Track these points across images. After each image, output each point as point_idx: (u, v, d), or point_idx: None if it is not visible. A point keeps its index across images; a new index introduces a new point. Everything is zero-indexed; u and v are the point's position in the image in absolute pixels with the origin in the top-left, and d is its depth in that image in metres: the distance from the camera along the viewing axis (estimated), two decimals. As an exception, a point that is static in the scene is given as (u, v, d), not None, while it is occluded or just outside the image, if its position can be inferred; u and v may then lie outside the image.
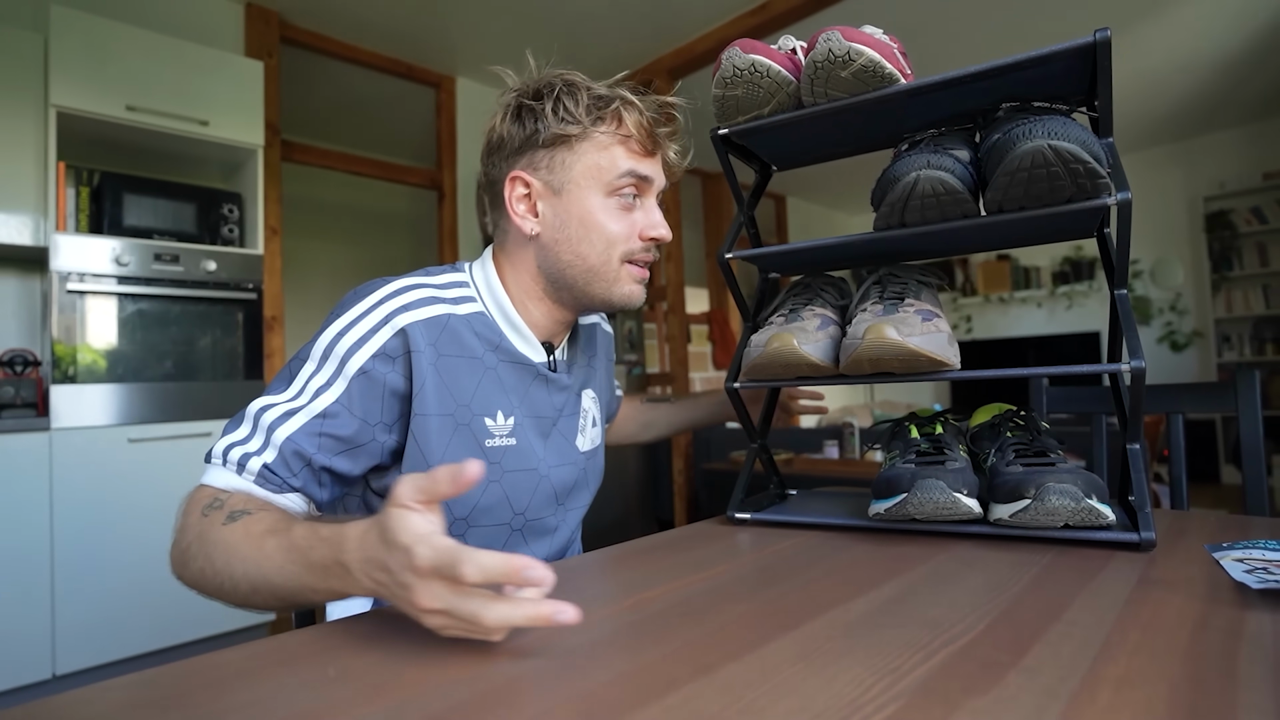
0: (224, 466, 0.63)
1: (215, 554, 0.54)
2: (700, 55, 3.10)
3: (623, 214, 0.74)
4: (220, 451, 0.63)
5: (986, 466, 0.77)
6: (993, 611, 0.47)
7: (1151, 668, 0.37)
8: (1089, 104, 0.73)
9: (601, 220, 0.73)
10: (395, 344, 0.67)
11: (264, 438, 0.63)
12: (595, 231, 0.73)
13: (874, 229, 0.75)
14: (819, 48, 0.71)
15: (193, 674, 0.41)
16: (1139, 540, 0.62)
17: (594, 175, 0.73)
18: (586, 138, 0.72)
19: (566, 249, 0.74)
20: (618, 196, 0.73)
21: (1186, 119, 4.53)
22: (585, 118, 0.71)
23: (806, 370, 0.75)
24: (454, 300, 0.73)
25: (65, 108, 2.02)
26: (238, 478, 0.62)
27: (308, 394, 0.66)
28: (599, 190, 0.73)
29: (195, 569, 0.55)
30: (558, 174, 0.73)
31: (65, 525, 1.90)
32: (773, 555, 0.66)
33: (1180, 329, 4.95)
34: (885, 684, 0.36)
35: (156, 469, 2.07)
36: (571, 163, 0.73)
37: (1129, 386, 0.65)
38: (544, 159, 0.73)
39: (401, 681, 0.39)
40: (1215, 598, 0.48)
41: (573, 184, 0.73)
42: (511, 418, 0.74)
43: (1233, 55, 3.60)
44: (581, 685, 0.37)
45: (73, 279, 1.99)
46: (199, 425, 2.17)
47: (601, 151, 0.73)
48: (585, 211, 0.73)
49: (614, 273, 0.75)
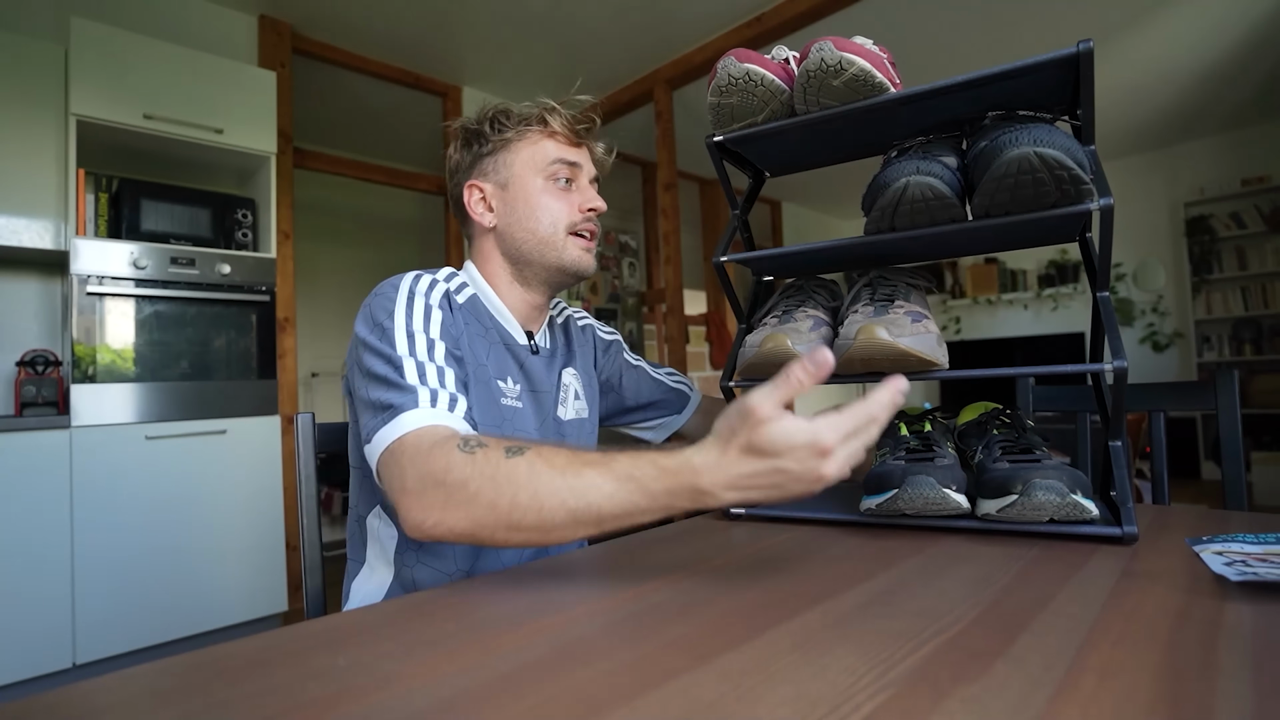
0: (419, 409, 0.62)
1: (515, 487, 0.52)
2: (698, 66, 3.09)
3: (561, 194, 0.84)
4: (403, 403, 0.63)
5: (974, 463, 0.77)
6: (981, 603, 0.47)
7: (1134, 657, 0.37)
8: (1072, 112, 0.73)
9: (543, 199, 0.84)
10: (444, 300, 0.77)
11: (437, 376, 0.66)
12: (539, 209, 0.83)
13: (865, 233, 0.75)
14: (812, 57, 0.71)
15: (209, 663, 0.41)
16: (1121, 535, 0.62)
17: (531, 166, 0.84)
18: (520, 138, 0.85)
19: (519, 228, 0.84)
20: (554, 181, 0.84)
21: (1168, 127, 4.53)
22: (518, 126, 0.85)
23: None
24: (458, 288, 0.83)
25: (85, 116, 2.02)
26: (438, 413, 0.63)
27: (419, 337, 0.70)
28: (537, 175, 0.84)
29: (483, 504, 0.53)
30: (503, 173, 0.85)
31: (85, 519, 1.90)
32: (767, 549, 0.66)
33: (1162, 330, 4.95)
34: (877, 672, 0.36)
35: (173, 465, 2.07)
36: (511, 160, 0.85)
37: (1111, 385, 0.65)
38: (490, 165, 0.86)
39: (409, 671, 0.39)
40: (1195, 589, 0.48)
41: (515, 177, 0.84)
42: (519, 385, 0.83)
43: (1212, 65, 3.60)
44: (584, 674, 0.37)
45: (92, 281, 1.99)
46: (214, 423, 2.17)
47: (534, 146, 0.85)
48: (528, 194, 0.84)
49: (562, 242, 0.84)
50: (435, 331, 0.72)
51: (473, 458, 0.55)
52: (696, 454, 0.50)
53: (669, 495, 0.50)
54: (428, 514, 0.55)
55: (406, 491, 0.57)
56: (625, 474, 0.51)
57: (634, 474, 0.51)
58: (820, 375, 0.47)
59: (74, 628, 1.87)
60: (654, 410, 1.04)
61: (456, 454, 0.55)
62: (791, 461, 0.47)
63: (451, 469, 0.55)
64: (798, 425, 0.47)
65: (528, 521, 0.52)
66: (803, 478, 0.48)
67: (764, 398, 0.47)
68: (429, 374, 0.67)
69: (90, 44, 2.03)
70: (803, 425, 0.47)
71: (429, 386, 0.65)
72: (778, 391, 0.48)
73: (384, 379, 0.66)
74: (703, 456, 0.49)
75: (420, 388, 0.65)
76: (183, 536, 2.07)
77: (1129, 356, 5.03)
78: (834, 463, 0.48)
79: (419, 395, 0.64)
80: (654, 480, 0.50)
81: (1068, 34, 3.12)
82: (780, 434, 0.47)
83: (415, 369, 0.67)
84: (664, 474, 0.50)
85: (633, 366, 1.04)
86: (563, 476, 0.52)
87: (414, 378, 0.66)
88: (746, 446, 0.48)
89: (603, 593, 0.53)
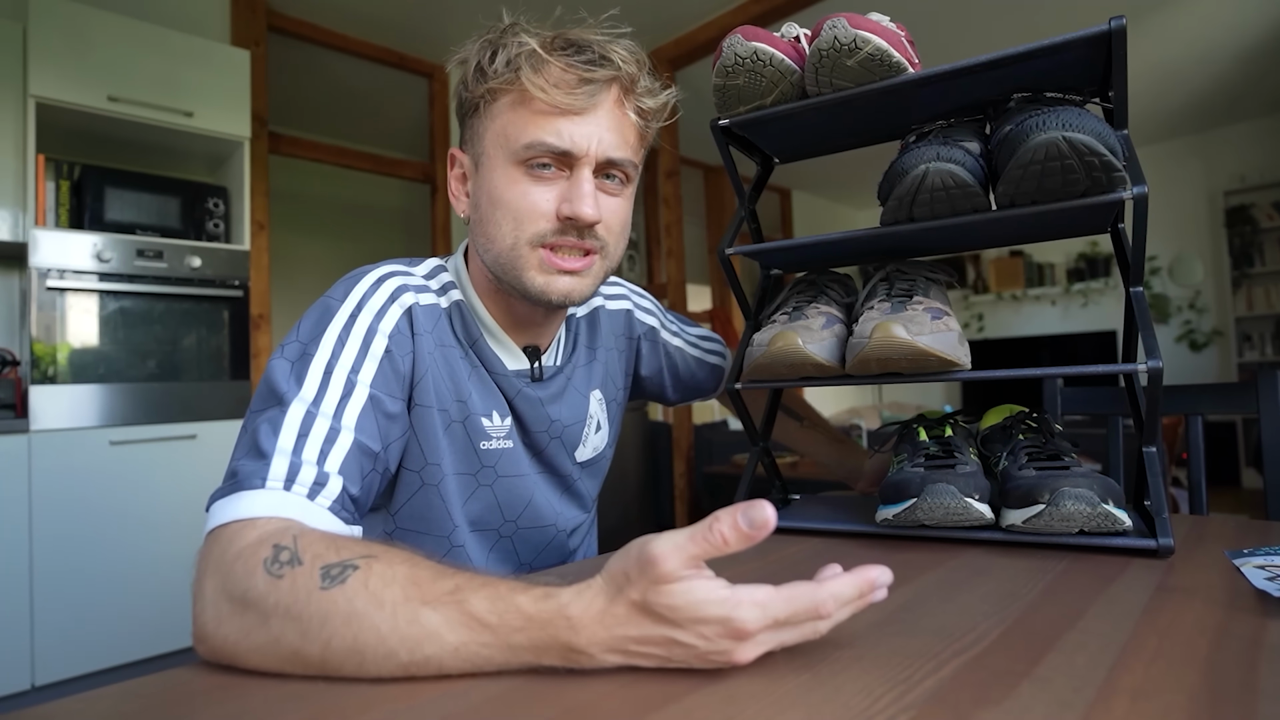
0: (263, 489, 0.51)
1: (329, 631, 0.41)
2: (702, 45, 3.10)
3: (537, 186, 0.64)
4: (250, 473, 0.52)
5: (998, 470, 0.77)
6: (1005, 620, 0.47)
7: (1169, 678, 0.37)
8: (1103, 94, 0.73)
9: (506, 196, 0.64)
10: (404, 324, 0.64)
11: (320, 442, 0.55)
12: (500, 209, 0.64)
13: (881, 224, 0.75)
14: (824, 35, 0.71)
15: (178, 685, 0.41)
16: (1156, 547, 0.61)
17: (500, 143, 0.64)
18: (493, 99, 0.64)
19: (480, 233, 0.67)
20: (526, 168, 0.63)
21: (1205, 111, 4.54)
22: (494, 77, 0.63)
23: (812, 370, 0.75)
24: (440, 289, 0.70)
25: (45, 98, 2.01)
26: (287, 497, 0.51)
27: (339, 379, 0.58)
28: (506, 160, 0.64)
29: (286, 650, 0.42)
30: (476, 146, 0.67)
31: (44, 531, 1.90)
32: (775, 562, 0.66)
33: (1199, 328, 4.95)
34: (894, 695, 0.36)
35: (139, 472, 2.07)
36: (483, 131, 0.65)
37: (1145, 387, 0.65)
38: (469, 131, 0.68)
39: (392, 693, 0.39)
40: (1235, 606, 0.48)
41: (485, 155, 0.65)
42: (508, 418, 0.72)
43: (1253, 45, 3.60)
44: (578, 695, 0.37)
45: (52, 275, 1.99)
46: (183, 427, 2.17)
47: (507, 114, 0.63)
48: (492, 186, 0.65)
49: (523, 259, 0.64)
50: (367, 372, 0.60)
51: (277, 585, 0.44)
52: (576, 601, 0.40)
53: (533, 651, 0.40)
54: (225, 640, 0.44)
55: (200, 599, 0.47)
56: (479, 619, 0.41)
57: (490, 620, 0.41)
58: (754, 538, 0.38)
59: (32, 647, 1.86)
60: (685, 392, 0.97)
61: (259, 575, 0.44)
62: (694, 636, 0.39)
63: (250, 592, 0.44)
64: (711, 594, 0.39)
65: (346, 672, 0.42)
66: (705, 656, 0.39)
67: (672, 550, 0.38)
68: (311, 437, 0.55)
69: (50, 20, 2.03)
70: (718, 595, 0.39)
71: (295, 457, 0.53)
72: (692, 546, 0.38)
73: (254, 431, 0.55)
74: (582, 606, 0.40)
75: (277, 457, 0.53)
76: (150, 549, 2.07)
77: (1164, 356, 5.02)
78: (751, 649, 0.39)
79: (271, 469, 0.52)
80: (516, 631, 0.40)
81: (1098, 10, 3.12)
82: (685, 600, 0.38)
83: (299, 425, 0.55)
84: (530, 624, 0.40)
85: (676, 351, 0.93)
86: (393, 620, 0.41)
87: (287, 438, 0.54)
88: (641, 606, 0.39)
89: (600, 609, 0.53)
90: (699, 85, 3.56)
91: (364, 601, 0.42)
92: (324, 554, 0.45)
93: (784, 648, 0.41)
